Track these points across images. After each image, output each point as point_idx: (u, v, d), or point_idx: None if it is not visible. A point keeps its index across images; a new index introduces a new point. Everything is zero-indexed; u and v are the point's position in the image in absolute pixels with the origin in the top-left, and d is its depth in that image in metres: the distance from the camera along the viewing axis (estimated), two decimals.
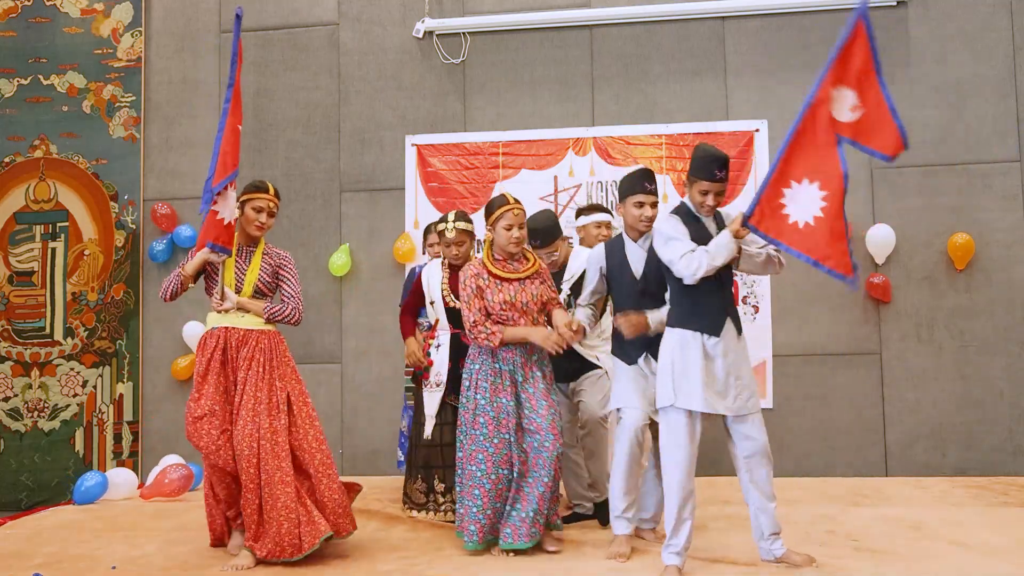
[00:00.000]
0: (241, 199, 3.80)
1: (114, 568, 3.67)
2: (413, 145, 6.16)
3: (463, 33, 6.19)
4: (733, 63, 5.97)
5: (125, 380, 6.27)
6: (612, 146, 5.97)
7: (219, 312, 3.72)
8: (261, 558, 3.53)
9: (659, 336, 3.53)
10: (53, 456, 6.23)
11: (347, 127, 6.28)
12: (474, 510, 3.71)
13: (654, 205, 3.66)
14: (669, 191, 5.87)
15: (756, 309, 5.77)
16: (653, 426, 3.69)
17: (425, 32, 6.20)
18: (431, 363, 4.34)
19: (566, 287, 4.29)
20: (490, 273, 3.79)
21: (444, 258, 4.36)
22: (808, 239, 3.12)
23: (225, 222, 3.67)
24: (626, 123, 6.00)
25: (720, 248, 3.25)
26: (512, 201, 3.79)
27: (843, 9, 5.83)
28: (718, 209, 3.45)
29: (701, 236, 3.35)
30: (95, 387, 6.28)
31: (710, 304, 3.32)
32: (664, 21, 6.04)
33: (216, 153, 3.70)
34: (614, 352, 3.86)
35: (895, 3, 5.79)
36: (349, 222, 6.19)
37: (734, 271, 3.43)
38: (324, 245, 6.18)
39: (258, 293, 3.78)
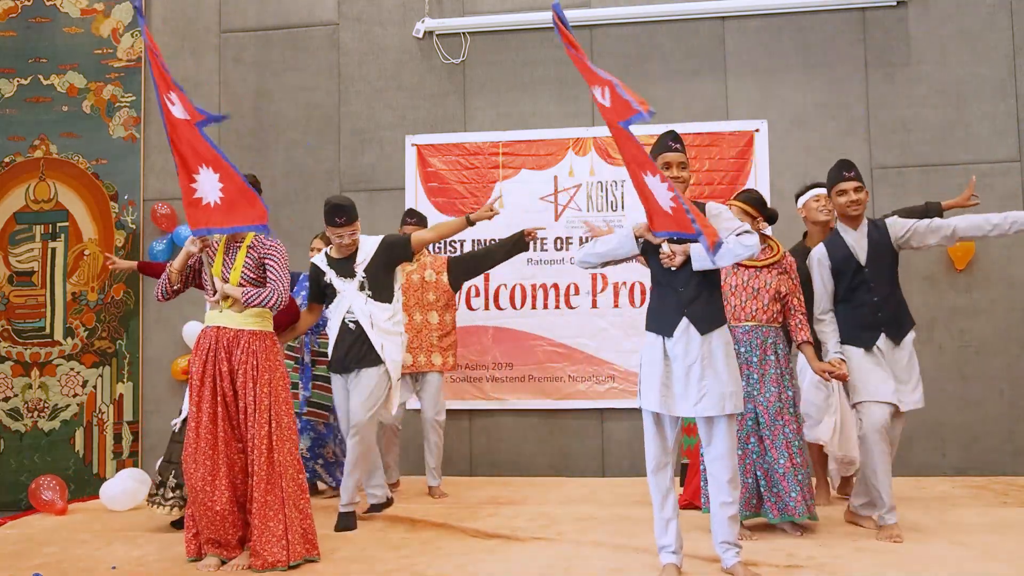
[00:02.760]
0: None
1: (114, 568, 3.67)
2: (413, 145, 6.16)
3: (463, 33, 6.19)
4: (733, 63, 5.97)
5: (125, 380, 6.27)
6: (612, 146, 5.97)
7: (211, 304, 3.67)
8: (259, 567, 3.52)
9: (897, 315, 3.92)
10: (53, 456, 6.23)
11: (347, 127, 6.28)
12: None
13: (857, 190, 3.90)
14: None
15: None
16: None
17: (425, 32, 6.20)
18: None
19: (360, 270, 4.31)
20: None
21: None
22: (675, 220, 3.11)
23: (203, 202, 3.53)
24: None
25: (608, 239, 3.36)
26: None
27: (843, 9, 5.83)
28: (706, 203, 3.40)
29: None
30: (95, 387, 6.29)
31: (664, 305, 3.30)
32: (664, 21, 6.04)
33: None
34: (846, 341, 3.96)
35: (895, 3, 5.79)
36: None
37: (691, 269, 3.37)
38: None
39: None
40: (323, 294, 4.43)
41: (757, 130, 5.86)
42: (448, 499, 5.01)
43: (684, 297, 3.27)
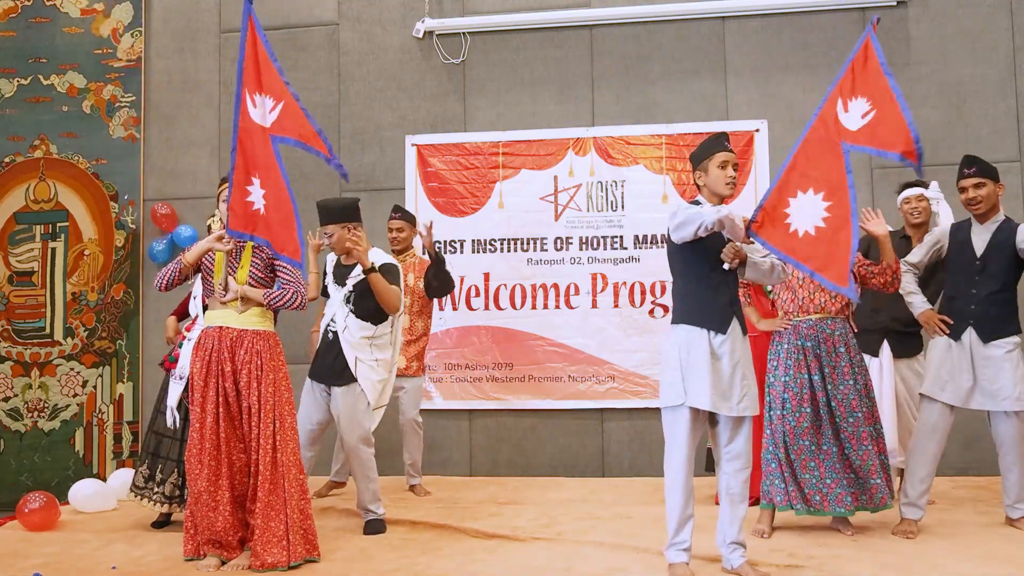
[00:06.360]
0: (219, 193, 3.74)
1: (114, 568, 3.67)
2: (413, 145, 6.16)
3: (463, 33, 6.19)
4: (733, 63, 5.97)
5: (125, 380, 6.27)
6: (612, 146, 5.97)
7: (222, 303, 3.64)
8: (258, 567, 3.53)
9: (994, 314, 3.93)
10: (53, 456, 6.23)
11: (347, 127, 6.28)
12: (777, 480, 3.89)
13: (977, 186, 4.01)
14: (669, 191, 5.87)
15: None
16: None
17: (425, 32, 6.20)
18: (176, 354, 4.38)
19: (351, 283, 4.23)
20: None
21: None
22: (806, 248, 3.14)
23: (254, 207, 3.53)
24: (626, 123, 6.00)
25: (713, 214, 3.11)
26: None
27: (843, 9, 5.83)
28: None
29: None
30: (95, 387, 6.29)
31: (716, 300, 3.27)
32: (664, 21, 6.04)
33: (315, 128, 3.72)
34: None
35: (895, 3, 5.79)
36: None
37: (739, 275, 3.39)
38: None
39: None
40: (327, 292, 4.47)
41: (757, 130, 5.86)
42: (448, 499, 5.01)
43: (732, 296, 3.33)
